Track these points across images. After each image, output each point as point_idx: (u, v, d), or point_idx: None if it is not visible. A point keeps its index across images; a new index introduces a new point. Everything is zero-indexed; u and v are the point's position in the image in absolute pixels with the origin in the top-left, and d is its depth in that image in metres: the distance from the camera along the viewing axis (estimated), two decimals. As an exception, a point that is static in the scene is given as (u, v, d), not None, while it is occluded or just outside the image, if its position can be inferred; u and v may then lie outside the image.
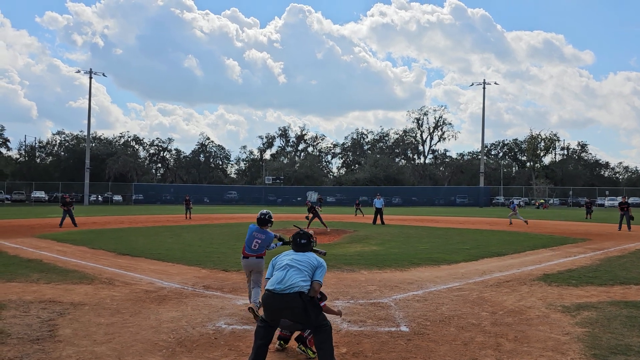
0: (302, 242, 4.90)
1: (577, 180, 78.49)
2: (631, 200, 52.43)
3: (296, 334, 5.15)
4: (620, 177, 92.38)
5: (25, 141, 77.96)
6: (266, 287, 4.58)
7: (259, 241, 6.44)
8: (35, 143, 78.27)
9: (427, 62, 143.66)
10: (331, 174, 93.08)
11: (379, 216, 24.62)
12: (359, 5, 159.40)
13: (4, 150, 74.02)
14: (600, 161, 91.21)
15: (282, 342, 5.16)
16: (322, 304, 4.83)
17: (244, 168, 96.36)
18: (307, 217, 22.05)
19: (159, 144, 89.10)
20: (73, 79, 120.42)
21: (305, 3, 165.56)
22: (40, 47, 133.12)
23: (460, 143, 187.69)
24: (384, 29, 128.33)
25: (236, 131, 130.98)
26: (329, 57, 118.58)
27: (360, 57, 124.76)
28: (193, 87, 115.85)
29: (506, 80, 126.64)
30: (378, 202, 24.85)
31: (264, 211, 6.72)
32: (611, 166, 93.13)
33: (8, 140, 72.39)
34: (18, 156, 77.63)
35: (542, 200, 61.96)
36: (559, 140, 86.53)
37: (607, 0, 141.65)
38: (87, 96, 62.46)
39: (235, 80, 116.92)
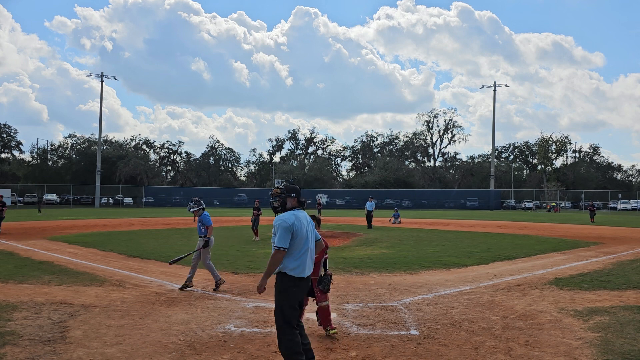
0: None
1: (589, 184, 77.68)
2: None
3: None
4: (633, 180, 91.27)
5: (37, 144, 78.96)
6: (295, 273, 4.30)
7: None
8: (47, 146, 79.10)
9: (435, 64, 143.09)
10: (341, 176, 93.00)
11: (372, 219, 23.95)
12: (365, 8, 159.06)
13: (16, 153, 75.05)
14: (613, 164, 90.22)
15: None
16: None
17: (253, 171, 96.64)
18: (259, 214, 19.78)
19: (169, 146, 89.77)
20: (83, 82, 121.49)
21: (311, 6, 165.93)
22: (50, 51, 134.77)
23: (470, 146, 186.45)
24: (390, 32, 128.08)
25: (245, 134, 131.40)
26: (336, 60, 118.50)
27: (368, 59, 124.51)
28: (201, 90, 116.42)
29: (515, 82, 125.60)
30: (369, 204, 24.23)
31: None
32: (624, 169, 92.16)
33: (21, 144, 73.34)
34: (30, 159, 78.55)
35: (553, 204, 61.42)
36: (570, 143, 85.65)
37: (617, 1, 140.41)
38: (97, 99, 63.49)
39: (243, 83, 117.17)
